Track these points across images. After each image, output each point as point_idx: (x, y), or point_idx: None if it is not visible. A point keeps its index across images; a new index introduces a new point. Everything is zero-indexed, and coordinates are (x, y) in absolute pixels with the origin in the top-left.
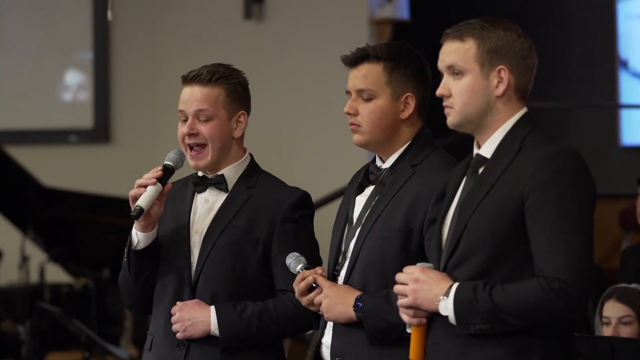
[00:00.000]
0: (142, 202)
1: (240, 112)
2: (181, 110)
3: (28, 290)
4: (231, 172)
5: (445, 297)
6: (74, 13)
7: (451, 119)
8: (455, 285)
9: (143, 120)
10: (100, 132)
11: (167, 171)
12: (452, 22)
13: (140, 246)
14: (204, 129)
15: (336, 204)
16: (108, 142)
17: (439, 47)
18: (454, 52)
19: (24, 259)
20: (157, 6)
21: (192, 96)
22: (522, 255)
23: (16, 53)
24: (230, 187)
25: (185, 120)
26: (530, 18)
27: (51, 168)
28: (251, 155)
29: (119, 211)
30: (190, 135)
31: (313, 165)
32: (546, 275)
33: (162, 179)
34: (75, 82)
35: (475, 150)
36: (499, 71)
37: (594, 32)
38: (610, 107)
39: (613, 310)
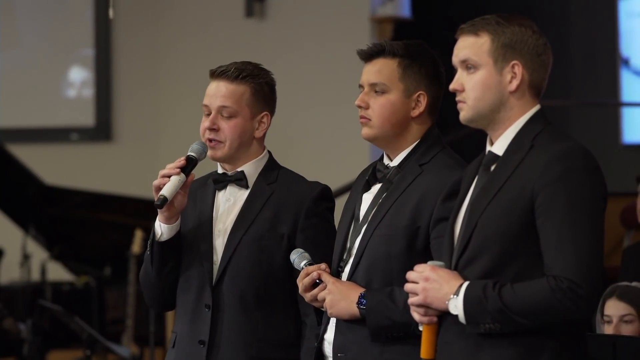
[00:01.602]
0: (166, 191)
1: (264, 112)
2: (205, 105)
3: (29, 288)
4: (251, 169)
5: (455, 296)
6: (76, 10)
7: (464, 114)
8: (465, 284)
9: (144, 118)
10: (101, 130)
11: (190, 162)
12: (453, 20)
13: (164, 238)
14: (225, 125)
15: (339, 203)
16: (109, 140)
17: (440, 45)
18: (469, 46)
19: (26, 257)
20: (159, 4)
21: (218, 91)
22: (533, 254)
23: (19, 51)
24: (250, 183)
25: (209, 115)
26: (531, 16)
27: (53, 166)
28: (269, 152)
29: (120, 209)
30: (211, 130)
31: (316, 163)
32: (555, 275)
33: (185, 169)
34: (79, 79)
35: (488, 148)
36: (513, 66)
37: (596, 30)
38: (611, 105)
39: (614, 308)
